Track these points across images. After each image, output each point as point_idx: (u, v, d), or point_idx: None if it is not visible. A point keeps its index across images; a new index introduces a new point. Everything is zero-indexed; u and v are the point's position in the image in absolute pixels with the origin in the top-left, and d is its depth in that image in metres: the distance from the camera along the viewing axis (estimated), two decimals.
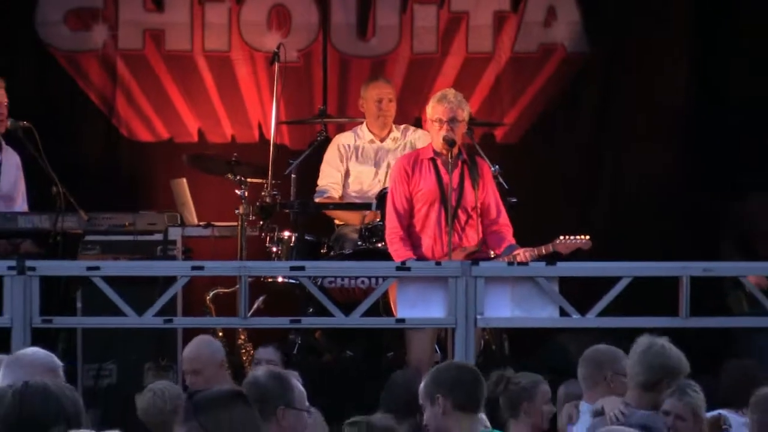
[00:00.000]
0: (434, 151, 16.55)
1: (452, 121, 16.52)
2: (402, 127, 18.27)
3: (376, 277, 16.36)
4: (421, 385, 12.25)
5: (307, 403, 11.18)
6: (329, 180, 18.35)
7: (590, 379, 13.83)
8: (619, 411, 12.97)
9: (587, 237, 16.68)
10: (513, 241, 16.69)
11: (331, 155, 18.43)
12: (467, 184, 16.54)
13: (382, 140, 18.17)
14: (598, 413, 13.36)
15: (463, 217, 16.55)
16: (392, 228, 16.58)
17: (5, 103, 16.95)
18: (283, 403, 10.72)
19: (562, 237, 16.66)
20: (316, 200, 18.55)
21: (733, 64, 20.88)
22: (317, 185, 18.61)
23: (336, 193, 18.51)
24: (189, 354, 14.28)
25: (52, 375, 10.25)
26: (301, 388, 11.15)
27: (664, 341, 13.14)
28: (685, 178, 20.32)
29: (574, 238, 16.66)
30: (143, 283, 15.81)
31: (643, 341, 13.16)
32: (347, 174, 18.36)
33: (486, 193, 16.65)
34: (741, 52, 20.80)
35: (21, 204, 17.11)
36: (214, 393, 9.30)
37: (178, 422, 11.07)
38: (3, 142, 17.10)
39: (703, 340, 14.70)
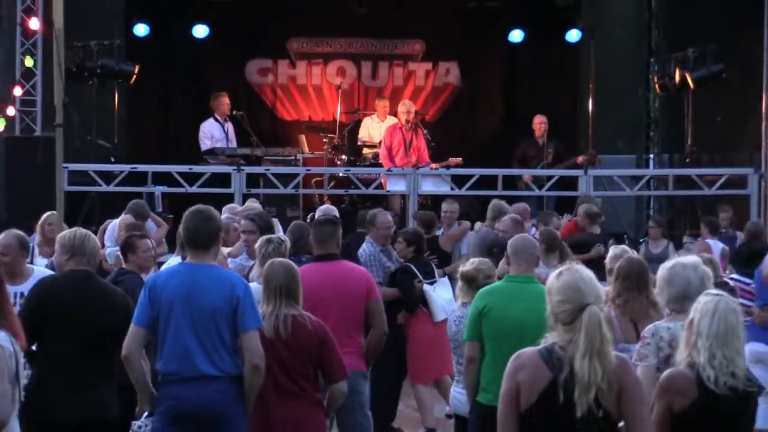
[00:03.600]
0: (400, 126, 16.56)
1: (408, 111, 16.46)
2: (393, 117, 17.32)
3: (378, 174, 16.27)
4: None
5: (388, 225, 10.83)
6: (363, 135, 17.88)
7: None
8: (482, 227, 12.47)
9: (460, 159, 16.61)
10: (428, 160, 16.56)
11: (363, 126, 18.01)
12: (413, 138, 16.46)
13: (383, 121, 17.70)
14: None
15: (411, 150, 16.38)
16: (383, 154, 16.54)
17: (228, 104, 16.96)
18: (372, 224, 10.72)
19: (451, 158, 16.60)
20: (358, 143, 17.85)
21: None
22: (359, 137, 17.95)
23: (367, 139, 17.79)
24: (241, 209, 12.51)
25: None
26: (386, 218, 10.88)
27: (505, 203, 12.66)
28: (502, 134, 19.53)
29: (455, 159, 16.60)
30: (287, 175, 15.85)
31: (495, 202, 12.65)
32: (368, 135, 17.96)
33: (419, 141, 16.59)
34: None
35: (235, 144, 16.98)
36: (318, 219, 9.19)
37: None
38: (228, 119, 16.96)
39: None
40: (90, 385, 6.70)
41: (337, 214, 10.48)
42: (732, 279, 9.48)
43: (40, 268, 8.19)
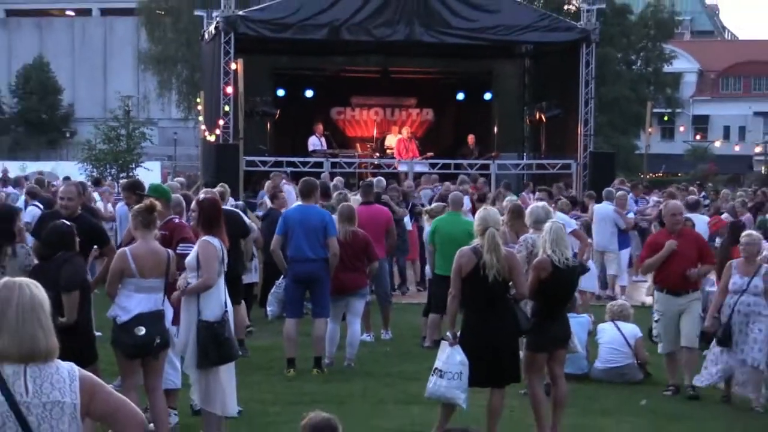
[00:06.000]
0: (404, 139, 16.17)
1: (408, 132, 16.36)
2: (400, 134, 16.74)
3: (394, 163, 15.85)
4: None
5: (395, 187, 10.69)
6: (387, 143, 17.10)
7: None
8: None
9: (432, 153, 16.17)
10: (418, 156, 16.01)
11: (387, 139, 17.12)
12: (410, 145, 16.07)
13: (396, 137, 16.82)
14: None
15: (410, 151, 16.03)
16: (396, 153, 16.11)
17: (322, 128, 16.36)
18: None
19: (428, 153, 16.20)
20: (384, 147, 16.74)
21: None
22: (385, 144, 17.15)
23: (389, 145, 16.92)
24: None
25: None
26: (393, 185, 11.04)
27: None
28: (453, 144, 18.23)
29: (430, 153, 16.21)
30: (350, 162, 15.51)
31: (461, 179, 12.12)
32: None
33: (412, 146, 16.17)
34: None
35: (325, 147, 16.26)
36: (364, 182, 8.66)
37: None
38: (322, 136, 16.41)
39: None
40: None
41: (384, 182, 10.49)
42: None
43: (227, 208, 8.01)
